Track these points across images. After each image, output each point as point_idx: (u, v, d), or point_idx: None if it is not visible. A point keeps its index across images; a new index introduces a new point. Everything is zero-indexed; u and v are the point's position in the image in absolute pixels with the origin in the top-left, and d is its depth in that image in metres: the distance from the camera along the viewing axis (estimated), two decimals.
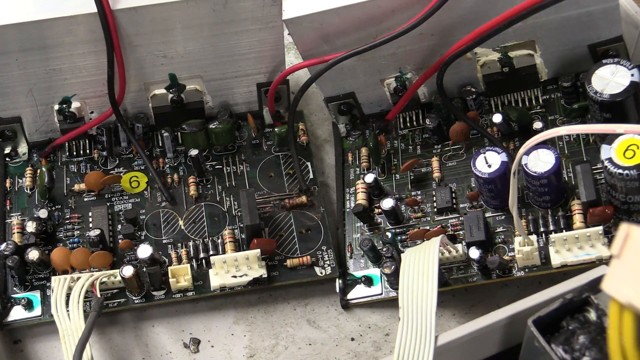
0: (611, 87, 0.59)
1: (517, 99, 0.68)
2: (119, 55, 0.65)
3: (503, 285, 0.64)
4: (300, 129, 0.72)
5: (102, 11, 0.63)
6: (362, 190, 0.67)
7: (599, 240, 0.58)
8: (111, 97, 0.68)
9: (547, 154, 0.59)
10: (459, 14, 0.64)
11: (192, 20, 0.65)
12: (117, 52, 0.65)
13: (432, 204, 0.65)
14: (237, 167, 0.70)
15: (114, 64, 0.66)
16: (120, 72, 0.66)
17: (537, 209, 0.62)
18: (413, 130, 0.70)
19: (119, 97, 0.68)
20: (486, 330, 0.54)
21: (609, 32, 0.65)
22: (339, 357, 0.64)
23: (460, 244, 0.62)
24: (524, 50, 0.67)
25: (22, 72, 0.66)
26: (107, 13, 0.63)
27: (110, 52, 0.65)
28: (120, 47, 0.65)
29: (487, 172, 0.61)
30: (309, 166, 0.70)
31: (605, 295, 0.47)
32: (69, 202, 0.69)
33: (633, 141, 0.56)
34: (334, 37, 0.65)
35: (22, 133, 0.70)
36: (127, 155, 0.71)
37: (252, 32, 0.67)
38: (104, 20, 0.63)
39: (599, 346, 0.48)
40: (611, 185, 0.57)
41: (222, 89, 0.70)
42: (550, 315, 0.49)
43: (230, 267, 0.63)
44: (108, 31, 0.64)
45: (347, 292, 0.65)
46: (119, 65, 0.66)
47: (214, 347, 0.65)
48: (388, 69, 0.68)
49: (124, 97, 0.69)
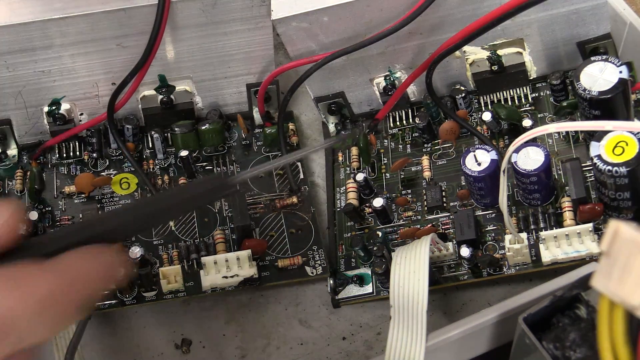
0: (600, 84, 0.59)
1: (507, 97, 0.68)
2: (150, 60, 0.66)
3: (494, 283, 0.64)
4: (290, 129, 0.72)
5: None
6: (352, 190, 0.67)
7: (589, 237, 0.58)
8: (111, 103, 0.68)
9: (536, 152, 0.59)
10: (447, 12, 0.64)
11: (181, 21, 0.65)
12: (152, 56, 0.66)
13: (423, 202, 0.65)
14: (228, 168, 0.70)
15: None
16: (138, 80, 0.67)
17: (527, 206, 0.62)
18: (403, 129, 0.70)
19: (120, 103, 0.68)
20: (477, 329, 0.54)
21: (597, 29, 0.65)
22: (331, 356, 0.64)
23: (451, 243, 0.62)
24: (513, 49, 0.67)
25: (11, 74, 0.66)
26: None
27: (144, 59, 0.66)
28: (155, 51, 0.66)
29: (477, 171, 0.61)
30: (299, 166, 0.70)
31: (595, 291, 0.47)
32: (60, 204, 0.68)
33: (622, 138, 0.56)
34: (323, 37, 0.65)
35: (11, 135, 0.70)
36: (118, 157, 0.71)
37: (241, 32, 0.67)
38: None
39: (589, 342, 0.48)
40: (601, 182, 0.57)
41: (211, 89, 0.70)
42: (541, 312, 0.50)
43: (221, 267, 0.63)
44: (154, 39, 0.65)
45: (338, 291, 0.65)
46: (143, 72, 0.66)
47: (205, 348, 0.65)
48: (377, 68, 0.68)
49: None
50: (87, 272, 0.42)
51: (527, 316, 0.49)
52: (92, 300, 0.42)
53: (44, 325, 0.40)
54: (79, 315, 0.41)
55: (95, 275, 0.42)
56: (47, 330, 0.40)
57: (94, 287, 0.42)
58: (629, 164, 0.55)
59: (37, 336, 0.40)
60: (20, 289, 0.39)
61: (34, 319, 0.39)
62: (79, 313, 0.41)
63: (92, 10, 0.63)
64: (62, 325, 0.41)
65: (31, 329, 0.39)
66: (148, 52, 0.65)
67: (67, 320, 0.42)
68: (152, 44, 0.65)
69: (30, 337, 0.40)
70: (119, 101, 0.68)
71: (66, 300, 0.41)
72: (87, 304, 0.42)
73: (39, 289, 0.40)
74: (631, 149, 0.55)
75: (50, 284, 0.40)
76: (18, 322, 0.39)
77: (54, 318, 0.40)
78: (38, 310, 0.39)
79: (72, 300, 0.41)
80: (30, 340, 0.40)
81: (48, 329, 0.40)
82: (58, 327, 0.41)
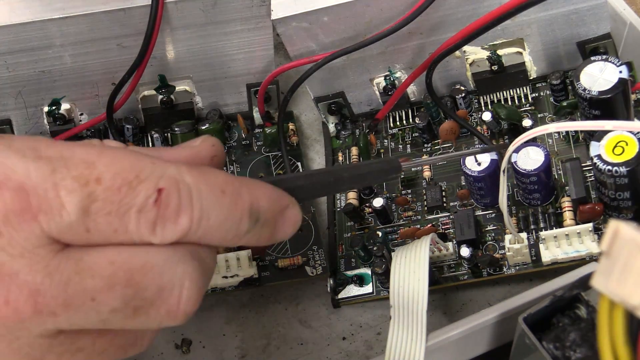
0: (600, 84, 0.59)
1: (507, 96, 0.68)
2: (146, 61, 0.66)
3: (494, 283, 0.64)
4: (290, 129, 0.72)
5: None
6: (352, 190, 0.67)
7: (589, 237, 0.58)
8: (110, 103, 0.67)
9: (536, 152, 0.59)
10: (447, 12, 0.64)
11: (180, 21, 0.65)
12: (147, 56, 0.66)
13: (423, 202, 0.65)
14: (228, 168, 0.70)
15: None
16: (135, 80, 0.67)
17: (527, 206, 0.62)
18: (403, 129, 0.70)
19: (119, 103, 0.68)
20: (477, 329, 0.54)
21: (597, 29, 0.65)
22: (331, 356, 0.64)
23: (451, 243, 0.62)
24: (513, 48, 0.67)
25: (11, 74, 0.66)
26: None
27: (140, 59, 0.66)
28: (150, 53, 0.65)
29: (477, 171, 0.61)
30: (299, 166, 0.70)
31: (595, 291, 0.47)
32: None
33: (622, 138, 0.56)
34: (323, 37, 0.65)
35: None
36: None
37: (241, 32, 0.67)
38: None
39: (589, 342, 0.48)
40: (601, 182, 0.57)
41: (211, 89, 0.70)
42: (541, 312, 0.50)
43: (221, 267, 0.63)
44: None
45: (338, 291, 0.65)
46: (140, 71, 0.66)
47: (205, 348, 0.65)
48: (377, 68, 0.68)
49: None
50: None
51: (527, 316, 0.49)
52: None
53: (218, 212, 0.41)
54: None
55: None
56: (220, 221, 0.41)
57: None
58: (629, 163, 0.55)
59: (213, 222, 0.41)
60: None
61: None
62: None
63: (92, 10, 0.63)
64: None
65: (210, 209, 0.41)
66: (144, 51, 0.65)
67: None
68: (147, 43, 0.64)
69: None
70: (118, 101, 0.68)
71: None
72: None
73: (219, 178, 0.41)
74: (631, 148, 0.55)
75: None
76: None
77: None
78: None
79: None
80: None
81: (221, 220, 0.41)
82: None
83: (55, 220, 0.38)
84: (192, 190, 0.40)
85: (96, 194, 0.39)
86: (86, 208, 0.38)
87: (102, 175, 0.39)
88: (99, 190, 0.39)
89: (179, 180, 0.40)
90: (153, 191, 0.39)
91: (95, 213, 0.39)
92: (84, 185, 0.39)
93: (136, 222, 0.39)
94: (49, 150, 0.39)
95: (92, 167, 0.39)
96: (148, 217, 0.39)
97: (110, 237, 0.39)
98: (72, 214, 0.38)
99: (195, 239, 0.41)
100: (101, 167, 0.39)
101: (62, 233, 0.39)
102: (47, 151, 0.39)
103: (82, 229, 0.39)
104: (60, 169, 0.39)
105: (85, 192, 0.38)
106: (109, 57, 0.67)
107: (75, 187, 0.38)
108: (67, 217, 0.38)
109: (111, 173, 0.39)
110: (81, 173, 0.39)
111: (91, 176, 0.39)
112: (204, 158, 0.45)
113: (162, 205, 0.39)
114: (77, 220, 0.38)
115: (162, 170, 0.40)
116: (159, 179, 0.40)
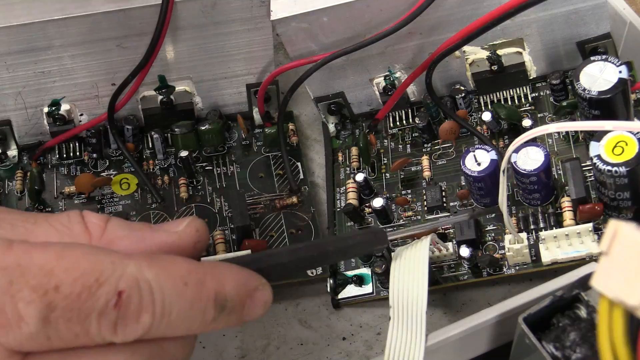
0: (599, 84, 0.59)
1: (506, 96, 0.68)
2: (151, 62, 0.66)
3: (494, 283, 0.64)
4: (290, 129, 0.72)
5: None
6: (352, 190, 0.67)
7: (588, 237, 0.58)
8: (112, 103, 0.68)
9: (536, 152, 0.59)
10: (447, 12, 0.64)
11: (181, 22, 0.65)
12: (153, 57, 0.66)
13: (423, 202, 0.65)
14: (228, 168, 0.70)
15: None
16: (138, 81, 0.67)
17: (527, 206, 0.62)
18: (403, 129, 0.70)
19: (120, 104, 0.68)
20: (477, 329, 0.54)
21: (597, 29, 0.65)
22: (331, 356, 0.64)
23: (451, 243, 0.62)
24: (513, 48, 0.67)
25: (11, 75, 0.66)
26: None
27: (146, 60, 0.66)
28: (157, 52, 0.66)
29: (477, 171, 0.61)
30: (299, 166, 0.70)
31: (595, 291, 0.47)
32: (60, 205, 0.68)
33: (622, 138, 0.56)
34: (322, 37, 0.65)
35: (11, 136, 0.70)
36: (118, 157, 0.71)
37: (241, 32, 0.67)
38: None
39: (589, 343, 0.48)
40: (600, 182, 0.57)
41: (211, 90, 0.70)
42: (541, 312, 0.50)
43: None
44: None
45: (338, 291, 0.65)
46: (144, 72, 0.66)
47: (205, 348, 0.65)
48: (377, 68, 0.68)
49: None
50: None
51: (527, 316, 0.49)
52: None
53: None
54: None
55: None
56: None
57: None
58: (629, 163, 0.55)
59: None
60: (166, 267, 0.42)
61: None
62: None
63: (92, 11, 0.63)
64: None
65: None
66: (150, 52, 0.65)
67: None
68: (154, 45, 0.65)
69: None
70: (119, 102, 0.68)
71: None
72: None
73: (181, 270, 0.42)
74: (631, 148, 0.55)
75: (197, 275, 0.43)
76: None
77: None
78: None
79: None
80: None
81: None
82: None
83: (14, 333, 0.38)
84: (152, 287, 0.40)
85: (56, 303, 0.38)
86: (46, 317, 0.38)
87: (61, 282, 0.39)
88: (59, 299, 0.38)
89: (140, 278, 0.40)
90: (113, 294, 0.39)
91: (56, 321, 0.39)
92: (43, 295, 0.38)
93: (97, 326, 0.39)
94: (6, 259, 0.39)
95: (50, 275, 0.39)
96: (109, 319, 0.39)
97: (72, 342, 0.39)
98: (31, 325, 0.38)
99: (159, 333, 0.41)
100: (60, 273, 0.39)
101: (21, 344, 0.39)
102: (4, 260, 0.39)
103: (42, 338, 0.39)
104: (17, 280, 0.38)
105: (45, 302, 0.38)
106: (108, 58, 0.67)
107: (33, 298, 0.38)
108: (26, 329, 0.38)
109: (70, 279, 0.39)
110: (39, 282, 0.38)
111: (50, 285, 0.38)
112: (186, 245, 0.45)
113: (123, 307, 0.39)
114: (36, 331, 0.38)
115: (122, 269, 0.40)
116: (118, 280, 0.40)
